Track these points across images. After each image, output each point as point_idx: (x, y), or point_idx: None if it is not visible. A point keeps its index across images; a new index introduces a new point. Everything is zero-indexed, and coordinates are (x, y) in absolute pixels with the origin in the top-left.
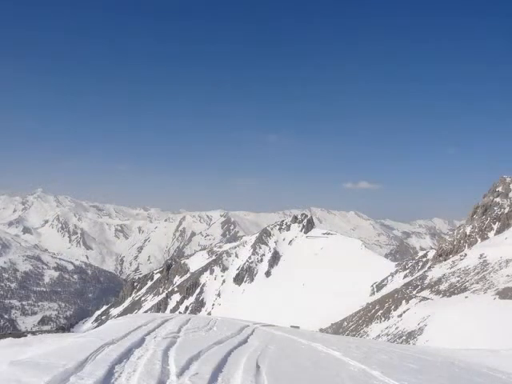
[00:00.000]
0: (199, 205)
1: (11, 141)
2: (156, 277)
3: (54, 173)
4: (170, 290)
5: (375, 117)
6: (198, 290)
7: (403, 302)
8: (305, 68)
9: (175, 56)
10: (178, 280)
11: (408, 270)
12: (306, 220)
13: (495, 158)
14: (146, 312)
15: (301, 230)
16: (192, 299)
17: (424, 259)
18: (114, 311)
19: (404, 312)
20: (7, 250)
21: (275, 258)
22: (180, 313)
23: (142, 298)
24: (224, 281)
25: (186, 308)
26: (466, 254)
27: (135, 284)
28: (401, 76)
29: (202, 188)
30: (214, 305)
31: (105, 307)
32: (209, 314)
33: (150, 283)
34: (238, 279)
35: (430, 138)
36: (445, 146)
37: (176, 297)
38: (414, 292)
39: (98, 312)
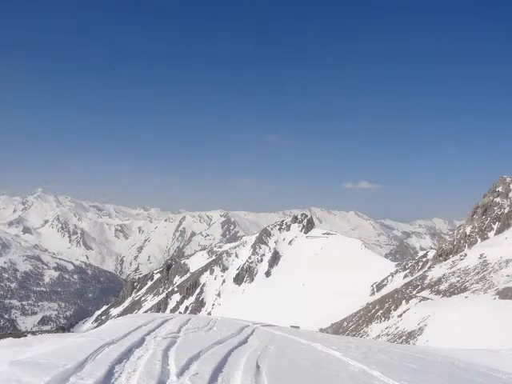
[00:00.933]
0: (199, 205)
1: (11, 141)
2: (156, 277)
3: (54, 173)
4: (170, 290)
5: (375, 117)
6: (197, 290)
7: (403, 302)
8: (305, 68)
9: (175, 56)
10: (178, 280)
11: (408, 270)
12: (305, 220)
13: (495, 158)
14: (145, 312)
15: (301, 230)
16: (192, 299)
17: (424, 259)
18: (114, 311)
19: (404, 312)
20: (7, 250)
21: (275, 258)
22: (180, 313)
23: (142, 298)
24: (224, 281)
25: (186, 308)
26: (466, 254)
27: (135, 284)
28: (401, 76)
29: (202, 188)
30: (214, 305)
31: (105, 307)
32: (209, 313)
33: (150, 283)
34: (238, 279)
35: (430, 138)
36: (445, 146)
37: (176, 297)
38: (414, 292)
39: (98, 312)
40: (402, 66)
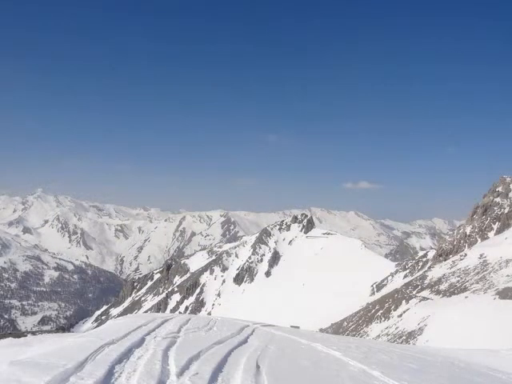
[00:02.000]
0: (199, 205)
1: (11, 141)
2: (156, 277)
3: (54, 173)
4: (170, 290)
5: (375, 117)
6: (198, 290)
7: (403, 302)
8: (305, 68)
9: (175, 56)
10: (178, 280)
11: (408, 270)
12: (305, 220)
13: (495, 158)
14: (145, 312)
15: (301, 230)
16: (192, 299)
17: (424, 259)
18: (114, 311)
19: (404, 312)
20: (7, 250)
21: (275, 258)
22: (180, 313)
23: (142, 298)
24: (224, 281)
25: (186, 308)
26: (466, 254)
27: (135, 284)
28: (401, 76)
29: (202, 188)
30: (214, 305)
31: (105, 307)
32: (209, 314)
33: (150, 283)
34: (238, 279)
35: (430, 138)
36: (445, 146)
37: (176, 297)
38: (414, 292)
39: (98, 312)
40: (401, 66)
